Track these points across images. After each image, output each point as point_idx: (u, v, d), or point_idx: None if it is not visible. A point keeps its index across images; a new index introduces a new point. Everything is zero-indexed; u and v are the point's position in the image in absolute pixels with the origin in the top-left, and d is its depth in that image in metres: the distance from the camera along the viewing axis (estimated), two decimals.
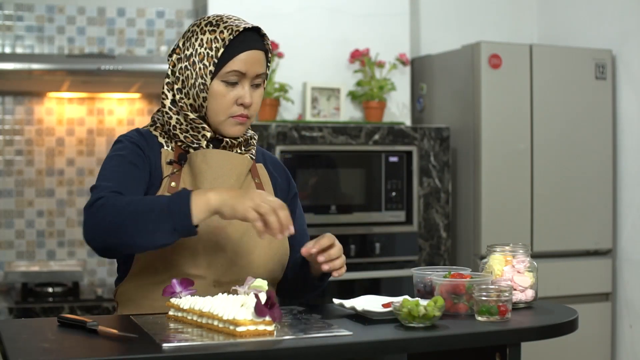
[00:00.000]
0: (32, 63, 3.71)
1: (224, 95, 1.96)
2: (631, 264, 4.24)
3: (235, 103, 1.97)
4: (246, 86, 1.97)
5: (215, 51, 1.94)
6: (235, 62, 1.95)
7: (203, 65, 1.96)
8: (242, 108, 1.98)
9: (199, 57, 1.96)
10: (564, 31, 4.64)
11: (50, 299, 3.82)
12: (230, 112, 1.97)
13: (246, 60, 1.96)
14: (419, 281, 1.97)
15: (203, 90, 1.96)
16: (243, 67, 1.95)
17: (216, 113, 1.97)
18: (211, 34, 1.96)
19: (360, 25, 4.26)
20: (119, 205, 1.76)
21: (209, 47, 1.95)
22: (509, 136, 4.06)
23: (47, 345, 1.57)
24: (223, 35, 1.95)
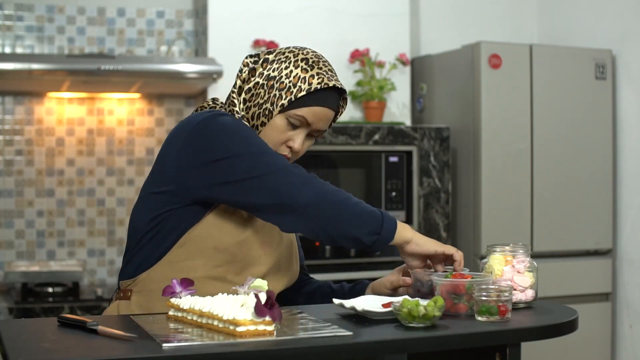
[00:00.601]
0: (32, 63, 3.70)
1: (281, 132, 1.96)
2: (631, 264, 4.24)
3: (285, 143, 1.97)
4: (302, 134, 1.97)
5: (297, 90, 1.93)
6: (307, 111, 1.95)
7: (279, 95, 1.94)
8: (288, 150, 1.98)
9: (280, 86, 1.95)
10: (564, 31, 4.64)
11: (50, 299, 3.82)
12: (277, 149, 1.97)
13: (317, 114, 1.96)
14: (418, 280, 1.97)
15: (266, 117, 1.96)
16: (311, 118, 1.95)
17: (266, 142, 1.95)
18: (303, 72, 1.95)
19: (360, 25, 4.26)
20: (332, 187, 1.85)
21: (294, 83, 1.94)
22: (509, 136, 4.06)
23: (47, 345, 1.57)
24: (312, 80, 1.94)
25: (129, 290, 1.98)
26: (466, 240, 4.12)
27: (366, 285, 2.11)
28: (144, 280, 1.96)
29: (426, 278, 1.94)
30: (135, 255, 1.98)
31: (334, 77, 1.99)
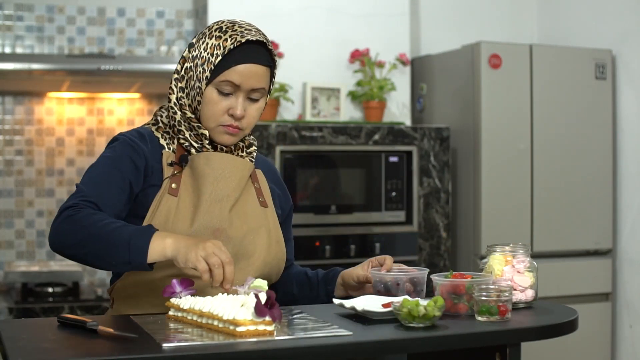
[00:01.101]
0: (32, 63, 3.70)
1: (216, 103, 1.96)
2: (631, 264, 4.24)
3: (226, 112, 1.97)
4: (240, 98, 1.97)
5: (214, 58, 1.94)
6: (231, 73, 1.95)
7: (202, 70, 1.96)
8: (232, 119, 1.97)
9: (201, 61, 1.96)
10: (564, 31, 4.64)
11: (50, 299, 3.82)
12: (220, 121, 1.97)
13: (243, 73, 1.95)
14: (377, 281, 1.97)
15: (198, 94, 1.97)
16: (238, 79, 1.95)
17: (207, 119, 1.98)
18: (217, 39, 1.96)
19: (360, 25, 4.26)
20: (86, 222, 1.79)
21: (211, 52, 1.95)
22: (509, 136, 4.06)
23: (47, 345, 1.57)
24: (225, 44, 1.94)
25: (112, 298, 2.02)
26: (466, 240, 4.12)
27: (338, 272, 2.12)
28: (120, 288, 1.99)
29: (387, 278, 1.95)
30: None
31: (250, 32, 1.97)
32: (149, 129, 2.04)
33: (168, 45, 4.27)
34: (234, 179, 2.00)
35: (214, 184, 1.97)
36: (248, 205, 2.02)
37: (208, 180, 1.97)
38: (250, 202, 2.04)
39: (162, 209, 1.93)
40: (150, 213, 1.93)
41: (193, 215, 1.94)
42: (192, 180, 1.98)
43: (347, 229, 3.90)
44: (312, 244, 3.80)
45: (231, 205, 1.98)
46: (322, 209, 3.86)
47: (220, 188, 1.97)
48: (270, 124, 3.79)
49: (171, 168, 1.98)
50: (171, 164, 1.98)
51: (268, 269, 2.03)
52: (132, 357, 1.46)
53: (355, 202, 3.96)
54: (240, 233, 1.98)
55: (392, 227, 3.98)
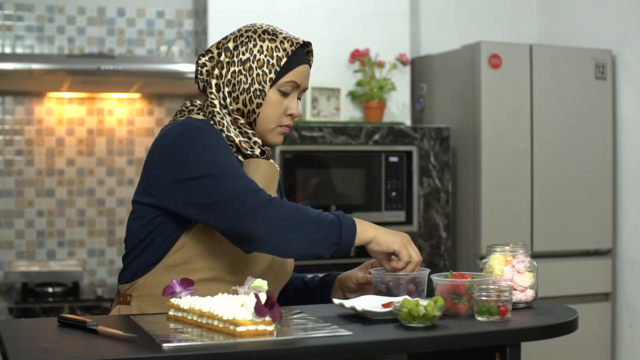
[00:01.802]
0: (32, 63, 3.71)
1: (278, 105, 1.99)
2: (631, 264, 4.25)
3: (284, 113, 2.01)
4: (294, 98, 2.02)
5: (276, 60, 1.97)
6: (294, 74, 1.99)
7: (262, 72, 1.97)
8: (289, 118, 2.02)
9: (258, 64, 1.97)
10: (564, 31, 4.64)
11: (50, 299, 3.82)
12: (279, 122, 2.01)
13: (302, 73, 2.01)
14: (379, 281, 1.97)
15: (259, 97, 1.98)
16: (299, 79, 2.00)
17: (267, 121, 2.00)
18: (271, 42, 1.98)
19: (360, 25, 4.26)
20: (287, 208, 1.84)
21: (270, 55, 1.97)
22: (509, 136, 4.06)
23: (47, 345, 1.57)
24: (284, 46, 1.98)
25: (129, 295, 1.98)
26: (466, 240, 4.12)
27: (335, 277, 2.14)
28: (142, 285, 1.96)
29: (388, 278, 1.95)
30: (132, 261, 1.99)
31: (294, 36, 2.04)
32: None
33: (168, 45, 4.26)
34: (274, 187, 2.04)
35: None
36: None
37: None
38: None
39: None
40: None
41: None
42: None
43: None
44: None
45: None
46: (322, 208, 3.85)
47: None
48: None
49: None
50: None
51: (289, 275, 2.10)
52: (132, 357, 1.46)
53: (355, 202, 3.96)
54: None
55: (392, 227, 3.97)
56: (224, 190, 1.83)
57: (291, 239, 1.83)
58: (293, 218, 1.83)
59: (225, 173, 1.85)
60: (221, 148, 1.91)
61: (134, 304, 1.97)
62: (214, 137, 1.93)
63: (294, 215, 1.84)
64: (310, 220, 1.85)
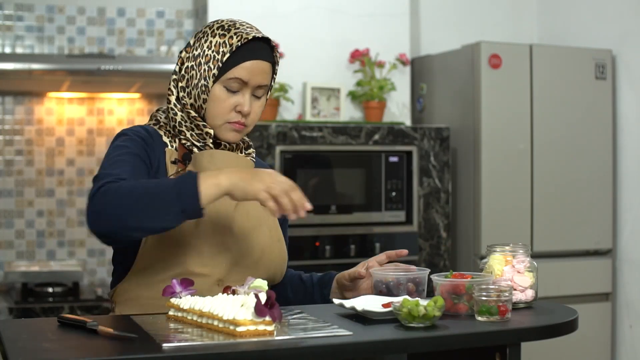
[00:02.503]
0: (32, 63, 3.71)
1: (224, 100, 1.97)
2: (631, 264, 4.24)
3: (233, 109, 1.98)
4: (246, 95, 1.98)
5: (221, 55, 1.95)
6: (239, 70, 1.96)
7: (207, 68, 1.96)
8: (239, 115, 1.98)
9: (205, 59, 1.97)
10: (564, 31, 4.64)
11: (50, 299, 3.82)
12: (227, 118, 1.98)
13: (250, 69, 1.96)
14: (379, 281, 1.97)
15: (204, 92, 1.97)
16: (246, 75, 1.96)
17: (214, 116, 1.98)
18: (221, 37, 1.97)
19: (360, 25, 4.26)
20: (125, 188, 1.74)
21: (216, 50, 1.96)
22: (509, 136, 4.06)
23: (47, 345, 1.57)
24: (232, 41, 1.95)
25: (114, 301, 2.01)
26: (466, 240, 4.12)
27: (333, 276, 2.11)
28: (121, 290, 1.98)
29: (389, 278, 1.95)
30: (115, 266, 2.02)
31: (254, 30, 1.99)
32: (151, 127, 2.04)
33: (168, 45, 4.26)
34: None
35: None
36: (250, 204, 2.01)
37: None
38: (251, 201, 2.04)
39: None
40: None
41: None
42: None
43: (347, 229, 3.90)
44: (312, 244, 3.80)
45: (235, 203, 1.97)
46: (322, 208, 3.86)
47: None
48: (270, 124, 3.79)
49: (174, 166, 1.98)
50: (174, 161, 1.98)
51: (273, 267, 2.03)
52: (132, 357, 1.46)
53: (355, 202, 3.96)
54: (245, 230, 1.98)
55: (392, 227, 3.98)
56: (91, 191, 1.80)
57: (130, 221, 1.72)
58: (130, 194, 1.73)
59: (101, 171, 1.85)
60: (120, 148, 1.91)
61: (117, 309, 1.99)
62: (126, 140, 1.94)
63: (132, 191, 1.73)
64: (145, 192, 1.72)
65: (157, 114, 2.07)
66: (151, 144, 1.97)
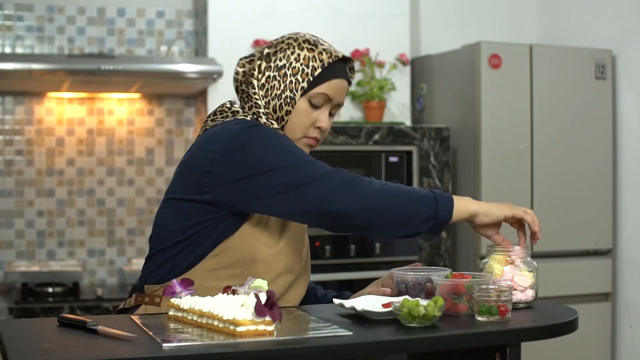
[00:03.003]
0: (32, 63, 3.70)
1: (307, 115, 1.98)
2: (631, 264, 4.24)
3: (313, 125, 1.99)
4: (326, 112, 2.00)
5: (311, 69, 1.96)
6: (327, 86, 1.98)
7: (295, 80, 1.96)
8: (317, 131, 2.00)
9: (293, 71, 1.97)
10: (564, 31, 4.64)
11: (50, 299, 3.82)
12: (307, 133, 2.00)
13: (336, 87, 1.99)
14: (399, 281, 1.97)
15: (289, 104, 1.97)
16: (332, 92, 1.98)
17: (294, 130, 1.99)
18: (309, 52, 1.98)
19: (360, 25, 4.26)
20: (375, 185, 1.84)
21: (306, 64, 1.96)
22: (509, 136, 4.06)
23: (47, 345, 1.57)
24: (322, 57, 1.97)
25: (158, 296, 1.95)
26: (466, 240, 4.12)
27: (348, 297, 2.09)
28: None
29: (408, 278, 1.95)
30: (165, 261, 1.95)
31: (336, 49, 2.04)
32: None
33: (168, 45, 4.26)
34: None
35: None
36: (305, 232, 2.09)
37: None
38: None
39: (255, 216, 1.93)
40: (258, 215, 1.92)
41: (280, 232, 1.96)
42: None
43: None
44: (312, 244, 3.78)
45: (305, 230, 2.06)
46: None
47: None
48: None
49: None
50: None
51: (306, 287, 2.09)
52: (132, 357, 1.46)
53: None
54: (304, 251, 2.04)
55: None
56: (306, 174, 1.84)
57: (380, 216, 1.82)
58: (384, 193, 1.83)
59: (300, 161, 1.87)
60: (286, 140, 1.92)
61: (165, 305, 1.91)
62: (275, 133, 1.92)
63: (384, 190, 1.83)
64: (402, 193, 1.83)
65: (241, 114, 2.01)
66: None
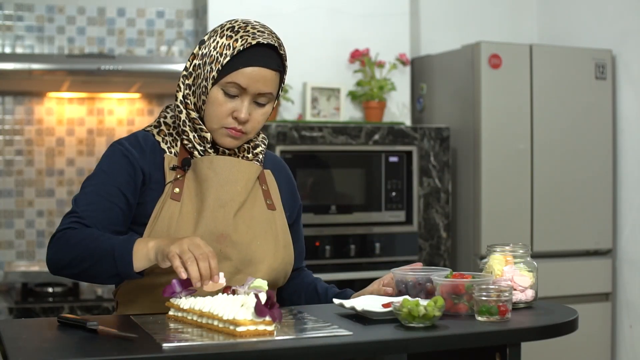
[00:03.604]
0: (32, 63, 3.70)
1: (221, 104, 1.93)
2: (631, 264, 4.24)
3: (230, 115, 1.93)
4: (245, 101, 1.92)
5: (223, 58, 1.90)
6: (238, 75, 1.90)
7: (210, 68, 1.92)
8: (236, 122, 1.93)
9: (210, 59, 1.93)
10: (564, 31, 4.64)
11: (50, 299, 3.82)
12: (223, 123, 1.94)
13: (250, 76, 1.91)
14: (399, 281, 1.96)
15: (204, 93, 1.94)
16: (244, 81, 1.91)
17: (210, 119, 1.95)
18: (227, 39, 1.92)
19: (360, 25, 4.26)
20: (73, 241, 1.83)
21: (220, 52, 1.91)
22: (509, 136, 4.06)
23: (47, 345, 1.57)
24: (235, 44, 1.90)
25: (117, 301, 2.02)
26: (466, 240, 4.12)
27: (349, 295, 2.06)
28: (124, 291, 1.98)
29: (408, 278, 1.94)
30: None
31: (263, 35, 1.93)
32: (150, 133, 2.00)
33: (168, 45, 4.26)
34: (239, 183, 1.96)
35: (218, 189, 1.93)
36: (255, 209, 1.99)
37: (212, 184, 1.93)
38: (257, 205, 2.00)
39: (165, 214, 1.91)
40: (152, 219, 1.91)
41: (196, 221, 1.92)
42: (195, 185, 1.94)
43: (347, 229, 3.90)
44: (312, 244, 3.80)
45: (236, 210, 1.94)
46: (322, 209, 3.86)
47: (224, 192, 1.93)
48: (270, 124, 3.79)
49: (173, 172, 1.95)
50: (173, 167, 1.95)
51: (274, 274, 2.00)
52: (132, 357, 1.46)
53: (355, 202, 3.96)
54: (246, 238, 1.95)
55: (392, 227, 3.98)
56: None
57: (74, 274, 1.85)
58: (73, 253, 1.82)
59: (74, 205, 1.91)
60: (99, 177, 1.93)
61: (120, 309, 2.00)
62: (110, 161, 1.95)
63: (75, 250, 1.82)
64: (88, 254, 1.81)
65: (164, 112, 2.04)
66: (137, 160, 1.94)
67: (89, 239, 1.82)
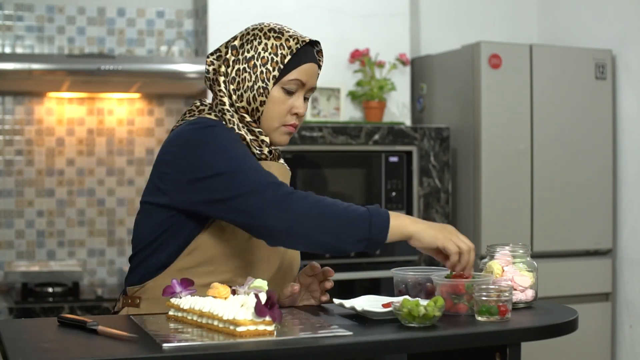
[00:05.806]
0: (32, 63, 3.70)
1: (283, 103, 1.98)
2: (631, 264, 4.24)
3: (289, 112, 1.99)
4: (301, 97, 2.00)
5: (281, 57, 1.96)
6: (299, 72, 1.98)
7: (266, 70, 1.96)
8: (294, 118, 2.00)
9: (262, 61, 1.96)
10: (564, 31, 4.64)
11: (50, 299, 3.82)
12: (284, 120, 1.99)
13: (307, 71, 2.00)
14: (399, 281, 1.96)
15: (262, 94, 1.96)
16: (304, 77, 1.99)
17: (271, 119, 1.98)
18: (276, 40, 1.97)
19: (360, 25, 4.26)
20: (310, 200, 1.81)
21: (274, 52, 1.96)
22: (509, 136, 4.06)
23: (47, 345, 1.57)
24: (289, 44, 1.97)
25: (137, 297, 1.96)
26: None
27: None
28: (152, 287, 1.95)
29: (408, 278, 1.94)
30: (141, 263, 1.97)
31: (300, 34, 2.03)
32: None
33: (168, 45, 4.26)
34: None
35: None
36: None
37: None
38: None
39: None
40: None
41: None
42: None
43: None
44: None
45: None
46: None
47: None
48: None
49: None
50: None
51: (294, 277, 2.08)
52: (132, 357, 1.46)
53: (355, 202, 3.94)
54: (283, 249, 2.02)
55: None
56: (240, 185, 1.82)
57: (315, 232, 1.80)
58: (317, 210, 1.80)
59: (242, 169, 1.84)
60: (235, 144, 1.90)
61: (143, 306, 1.95)
62: (228, 135, 1.92)
63: (319, 208, 1.81)
64: (337, 212, 1.81)
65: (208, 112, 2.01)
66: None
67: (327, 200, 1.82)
